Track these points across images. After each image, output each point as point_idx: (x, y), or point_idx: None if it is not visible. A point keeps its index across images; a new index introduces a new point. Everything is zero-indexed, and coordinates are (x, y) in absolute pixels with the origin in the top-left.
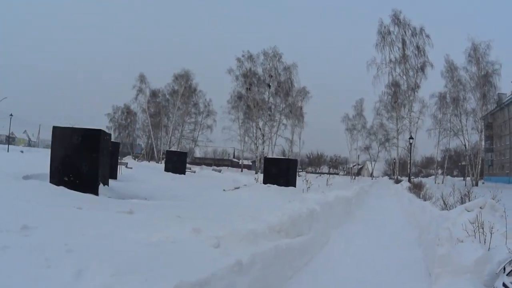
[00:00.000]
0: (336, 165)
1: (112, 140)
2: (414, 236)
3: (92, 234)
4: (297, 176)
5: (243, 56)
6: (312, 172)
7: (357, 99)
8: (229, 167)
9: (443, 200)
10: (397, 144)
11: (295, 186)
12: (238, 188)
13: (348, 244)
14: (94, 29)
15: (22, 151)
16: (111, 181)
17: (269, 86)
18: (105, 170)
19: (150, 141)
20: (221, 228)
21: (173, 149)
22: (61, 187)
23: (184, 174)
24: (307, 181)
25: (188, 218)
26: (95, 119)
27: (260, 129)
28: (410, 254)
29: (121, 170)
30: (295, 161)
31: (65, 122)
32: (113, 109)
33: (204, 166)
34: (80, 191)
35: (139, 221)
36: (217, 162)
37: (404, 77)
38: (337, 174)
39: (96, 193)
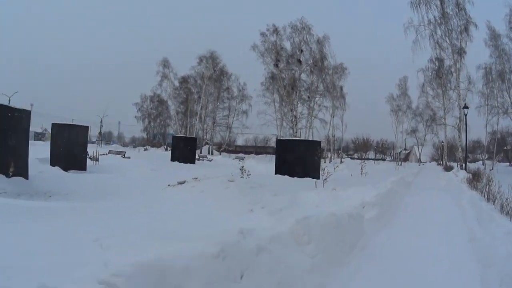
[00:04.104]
0: (383, 150)
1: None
2: None
3: None
4: (325, 162)
5: (267, 30)
6: (358, 158)
7: (400, 77)
8: (269, 155)
9: None
10: (445, 122)
11: (318, 178)
12: (182, 183)
13: None
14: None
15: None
16: (76, 172)
17: (299, 61)
18: (19, 157)
19: (182, 130)
20: None
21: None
22: None
23: (194, 163)
24: (323, 170)
25: None
26: (126, 109)
27: (292, 110)
28: None
29: (98, 161)
30: (317, 143)
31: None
32: (141, 98)
33: (241, 155)
34: None
35: None
36: (258, 150)
37: (448, 39)
38: (384, 160)
39: None
